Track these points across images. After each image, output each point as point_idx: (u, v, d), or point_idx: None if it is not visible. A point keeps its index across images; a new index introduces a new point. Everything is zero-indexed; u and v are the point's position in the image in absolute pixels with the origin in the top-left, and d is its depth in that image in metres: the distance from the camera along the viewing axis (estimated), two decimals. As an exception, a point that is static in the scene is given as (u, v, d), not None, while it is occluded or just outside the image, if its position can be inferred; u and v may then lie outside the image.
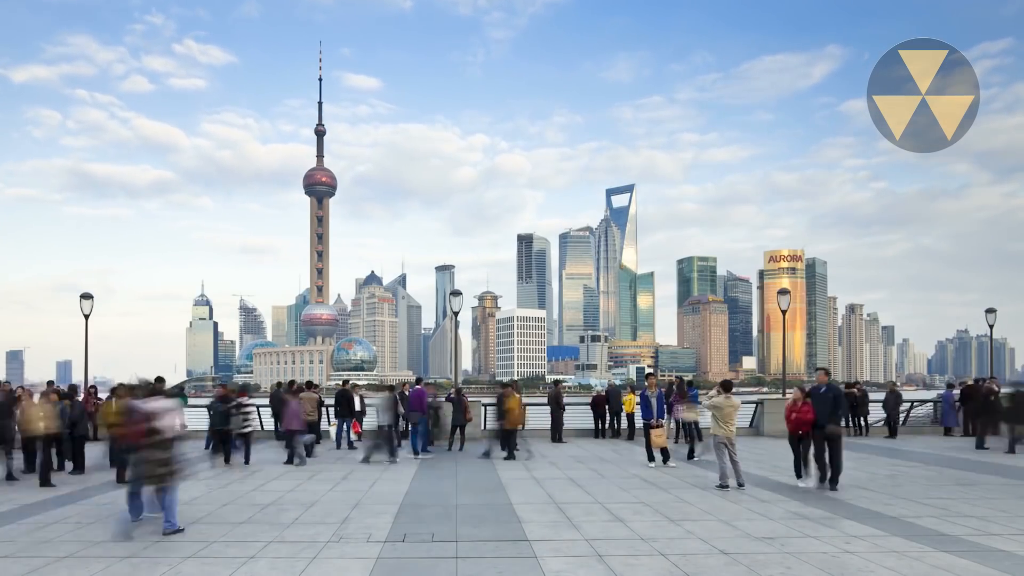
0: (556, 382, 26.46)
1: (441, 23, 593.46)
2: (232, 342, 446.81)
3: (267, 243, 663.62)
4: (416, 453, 18.26)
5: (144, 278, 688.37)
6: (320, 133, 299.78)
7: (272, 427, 22.07)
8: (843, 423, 14.55)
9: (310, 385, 22.09)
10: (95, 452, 16.55)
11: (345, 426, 20.69)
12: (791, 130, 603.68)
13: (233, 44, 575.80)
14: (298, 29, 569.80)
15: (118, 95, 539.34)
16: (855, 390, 23.79)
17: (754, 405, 24.51)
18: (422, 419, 18.61)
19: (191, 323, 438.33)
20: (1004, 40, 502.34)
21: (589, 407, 23.80)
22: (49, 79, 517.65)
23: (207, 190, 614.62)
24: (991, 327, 30.36)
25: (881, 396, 25.28)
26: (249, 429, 17.35)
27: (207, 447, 18.62)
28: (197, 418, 21.29)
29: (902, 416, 26.56)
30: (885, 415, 23.79)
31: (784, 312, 29.62)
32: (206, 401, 22.74)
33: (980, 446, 19.24)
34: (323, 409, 22.01)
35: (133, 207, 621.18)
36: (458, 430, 20.01)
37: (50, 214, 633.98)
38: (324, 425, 22.20)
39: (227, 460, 16.80)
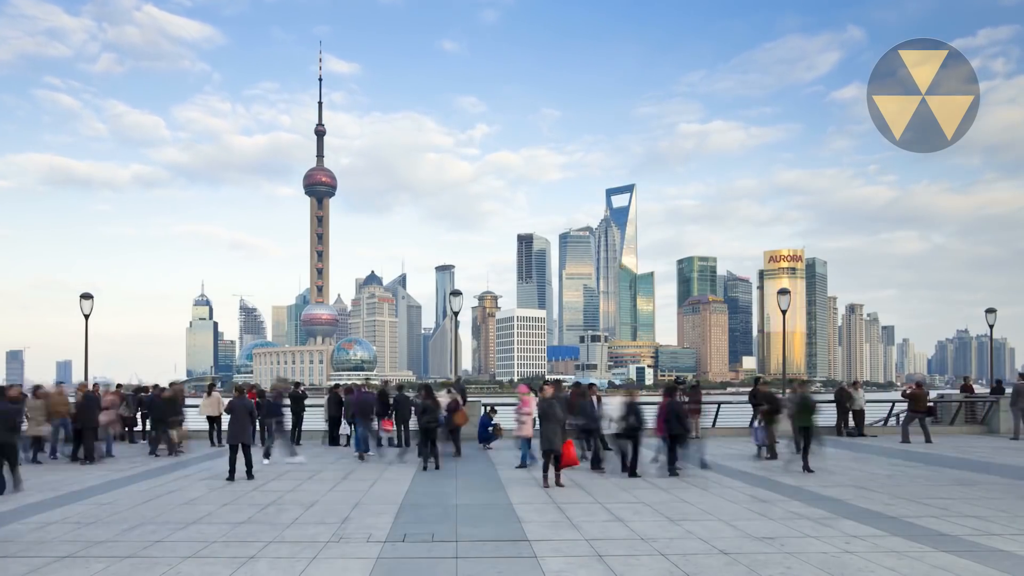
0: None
1: (424, 6, 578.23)
2: (232, 342, 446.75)
3: (258, 238, 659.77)
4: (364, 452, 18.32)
5: (136, 277, 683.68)
6: (320, 133, 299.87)
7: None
8: None
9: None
10: None
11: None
12: (796, 122, 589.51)
13: (203, 20, 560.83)
14: (270, 9, 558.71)
15: (89, 80, 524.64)
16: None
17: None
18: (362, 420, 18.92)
19: (191, 323, 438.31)
20: (1009, 27, 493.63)
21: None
22: (12, 62, 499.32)
23: (192, 183, 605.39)
24: (991, 327, 30.38)
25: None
26: None
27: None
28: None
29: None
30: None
31: (784, 312, 29.64)
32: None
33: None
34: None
35: (117, 202, 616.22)
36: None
37: (29, 208, 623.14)
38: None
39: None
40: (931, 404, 22.47)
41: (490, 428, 20.97)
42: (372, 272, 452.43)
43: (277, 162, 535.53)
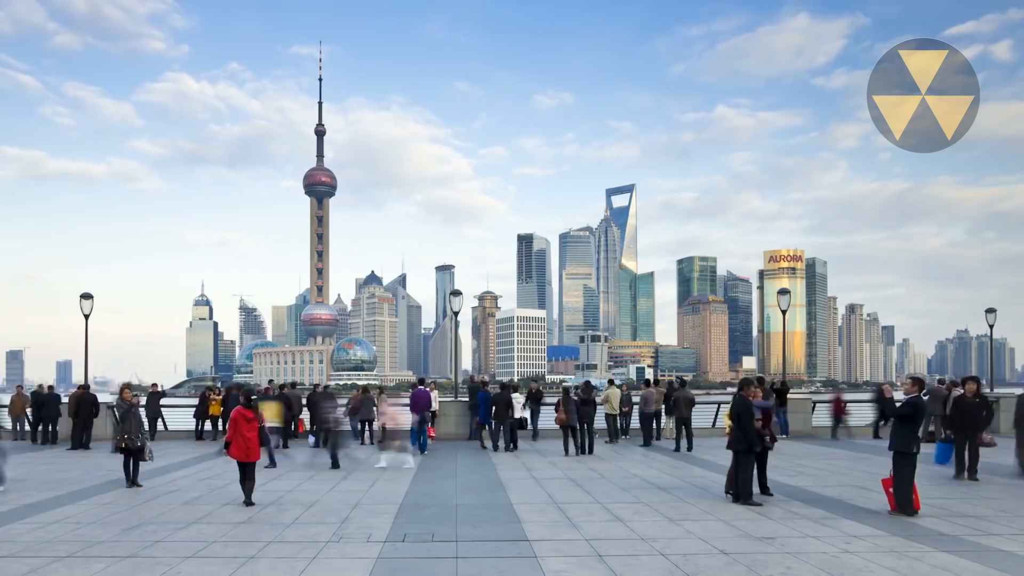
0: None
1: None
2: (232, 342, 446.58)
3: (258, 238, 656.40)
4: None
5: (136, 277, 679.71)
6: (320, 133, 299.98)
7: None
8: None
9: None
10: None
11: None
12: (800, 114, 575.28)
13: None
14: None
15: (47, 58, 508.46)
16: None
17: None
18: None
19: (191, 323, 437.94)
20: (1017, 10, 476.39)
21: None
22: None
23: (172, 178, 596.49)
24: (991, 327, 30.38)
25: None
26: None
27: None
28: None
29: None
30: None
31: (784, 312, 29.61)
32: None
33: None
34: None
35: (98, 198, 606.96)
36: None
37: (6, 205, 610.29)
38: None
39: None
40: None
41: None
42: (372, 272, 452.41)
43: (256, 154, 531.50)
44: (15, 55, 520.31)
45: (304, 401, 22.31)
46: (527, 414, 21.42)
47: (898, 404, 11.30)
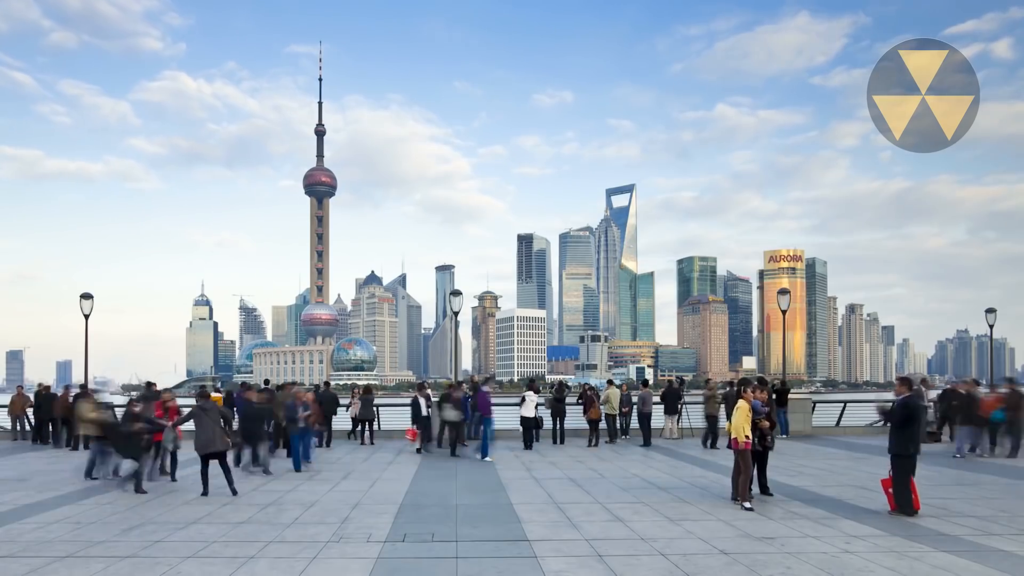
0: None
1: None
2: (232, 342, 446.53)
3: (257, 238, 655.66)
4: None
5: (136, 277, 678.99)
6: (320, 133, 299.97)
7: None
8: None
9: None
10: None
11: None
12: (800, 112, 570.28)
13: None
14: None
15: (43, 56, 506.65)
16: None
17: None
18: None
19: (191, 323, 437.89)
20: (1019, 8, 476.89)
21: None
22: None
23: (169, 177, 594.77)
24: (991, 327, 30.36)
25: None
26: None
27: None
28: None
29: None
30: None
31: (784, 312, 29.59)
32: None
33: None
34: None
35: (95, 197, 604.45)
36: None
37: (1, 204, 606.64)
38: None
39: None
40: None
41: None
42: (372, 272, 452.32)
43: (255, 154, 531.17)
44: (10, 53, 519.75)
45: None
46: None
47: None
